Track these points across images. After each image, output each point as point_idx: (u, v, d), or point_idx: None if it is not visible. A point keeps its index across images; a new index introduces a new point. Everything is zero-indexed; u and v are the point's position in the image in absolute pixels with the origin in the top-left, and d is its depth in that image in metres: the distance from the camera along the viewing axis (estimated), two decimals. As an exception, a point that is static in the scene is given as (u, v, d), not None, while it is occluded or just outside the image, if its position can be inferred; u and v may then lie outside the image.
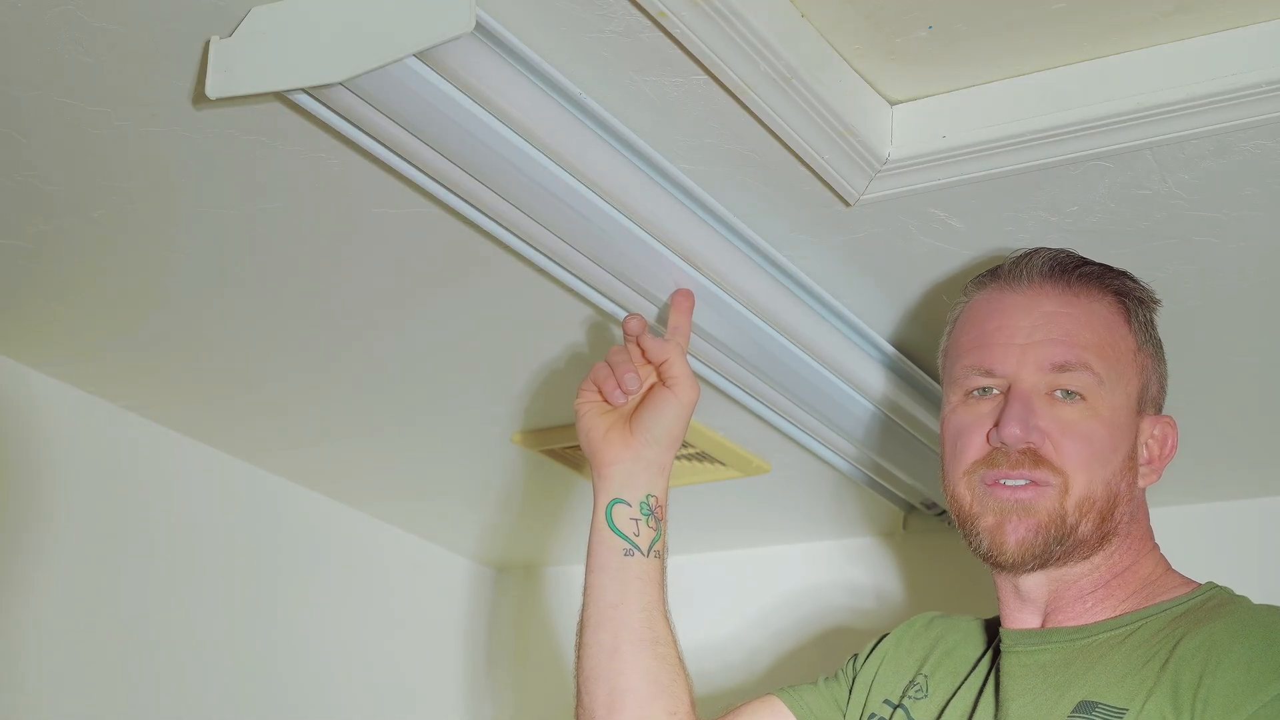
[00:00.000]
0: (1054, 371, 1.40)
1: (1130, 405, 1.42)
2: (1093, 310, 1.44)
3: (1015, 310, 1.45)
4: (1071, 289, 1.44)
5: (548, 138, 1.41)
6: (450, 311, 1.90)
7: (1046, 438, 1.39)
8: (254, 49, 1.33)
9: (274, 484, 2.50)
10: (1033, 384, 1.41)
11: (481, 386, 2.12)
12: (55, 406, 2.16)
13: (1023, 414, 1.39)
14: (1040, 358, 1.41)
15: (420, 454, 2.38)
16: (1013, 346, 1.42)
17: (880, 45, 1.45)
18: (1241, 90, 1.39)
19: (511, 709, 2.90)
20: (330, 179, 1.59)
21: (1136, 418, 1.43)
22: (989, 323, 1.46)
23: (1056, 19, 1.40)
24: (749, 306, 1.70)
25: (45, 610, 2.14)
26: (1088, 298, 1.44)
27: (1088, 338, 1.42)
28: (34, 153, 1.55)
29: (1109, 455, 1.40)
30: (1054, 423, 1.39)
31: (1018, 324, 1.44)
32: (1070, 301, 1.44)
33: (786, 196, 1.60)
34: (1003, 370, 1.42)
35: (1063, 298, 1.44)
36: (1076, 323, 1.43)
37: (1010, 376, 1.42)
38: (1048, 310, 1.44)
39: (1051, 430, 1.39)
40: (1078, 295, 1.44)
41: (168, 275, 1.82)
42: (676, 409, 1.52)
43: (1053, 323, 1.43)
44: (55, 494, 2.17)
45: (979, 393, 1.44)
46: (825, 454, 2.08)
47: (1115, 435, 1.40)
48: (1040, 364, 1.41)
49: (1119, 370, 1.42)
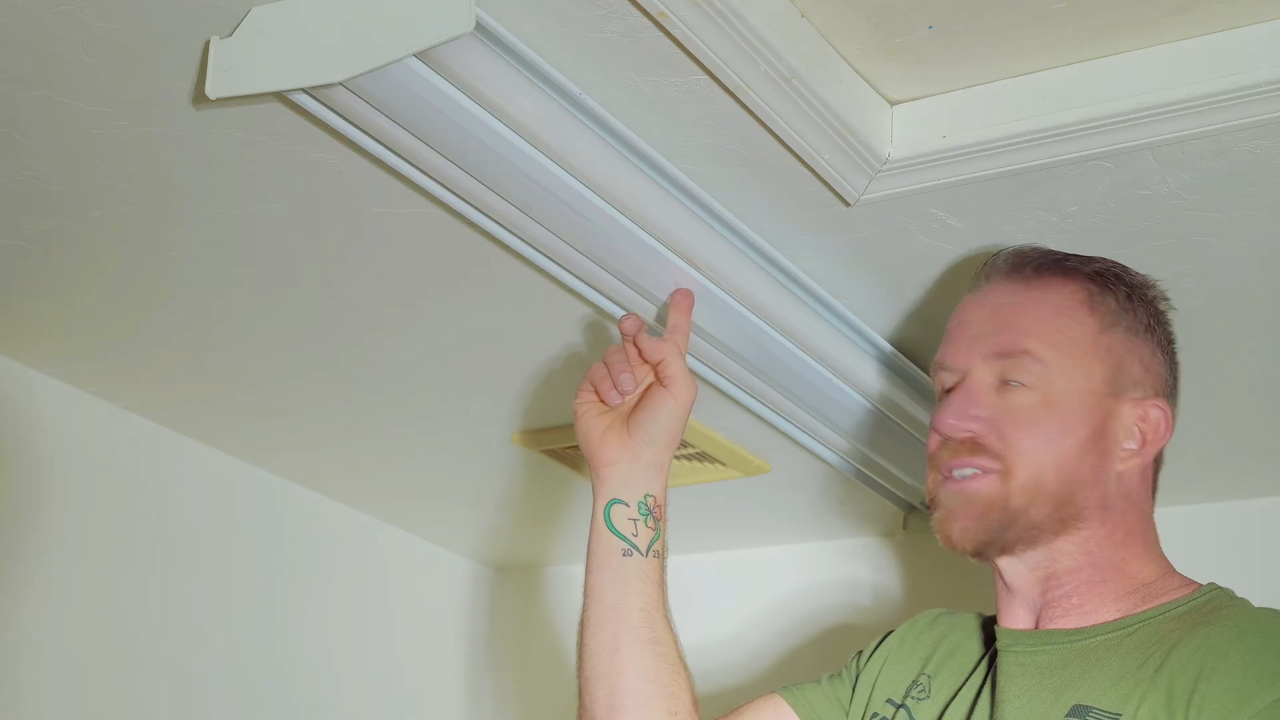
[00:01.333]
0: (998, 359, 1.42)
1: (1091, 389, 1.41)
2: (1044, 298, 1.44)
3: (973, 307, 1.47)
4: (1026, 281, 1.45)
5: (548, 138, 1.41)
6: (450, 311, 1.90)
7: (990, 426, 1.40)
8: (254, 49, 1.33)
9: (274, 484, 2.50)
10: (980, 375, 1.42)
11: (481, 386, 2.12)
12: (55, 406, 2.16)
13: (960, 404, 1.41)
14: (986, 349, 1.43)
15: (420, 454, 2.38)
16: (964, 341, 1.45)
17: (880, 45, 1.45)
18: (1241, 90, 1.40)
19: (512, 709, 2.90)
20: (330, 179, 1.59)
21: (1106, 400, 1.42)
22: (952, 322, 1.49)
23: (1056, 19, 1.40)
24: (749, 306, 1.70)
25: (45, 611, 2.14)
26: (1041, 287, 1.45)
27: (1032, 325, 1.42)
28: (34, 153, 1.55)
29: (1057, 438, 1.39)
30: (999, 410, 1.40)
31: (971, 318, 1.46)
32: (1021, 292, 1.45)
33: (786, 196, 1.60)
34: (955, 364, 1.45)
35: (1015, 291, 1.45)
36: (1022, 310, 1.43)
37: (964, 369, 1.44)
38: (997, 303, 1.45)
39: (995, 417, 1.40)
40: (1030, 286, 1.45)
41: (168, 275, 1.82)
42: (673, 409, 1.52)
43: (999, 314, 1.44)
44: (55, 494, 2.17)
45: (949, 389, 1.46)
46: (825, 454, 2.08)
47: (1066, 419, 1.40)
48: (986, 355, 1.43)
49: (1072, 356, 1.41)
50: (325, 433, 2.32)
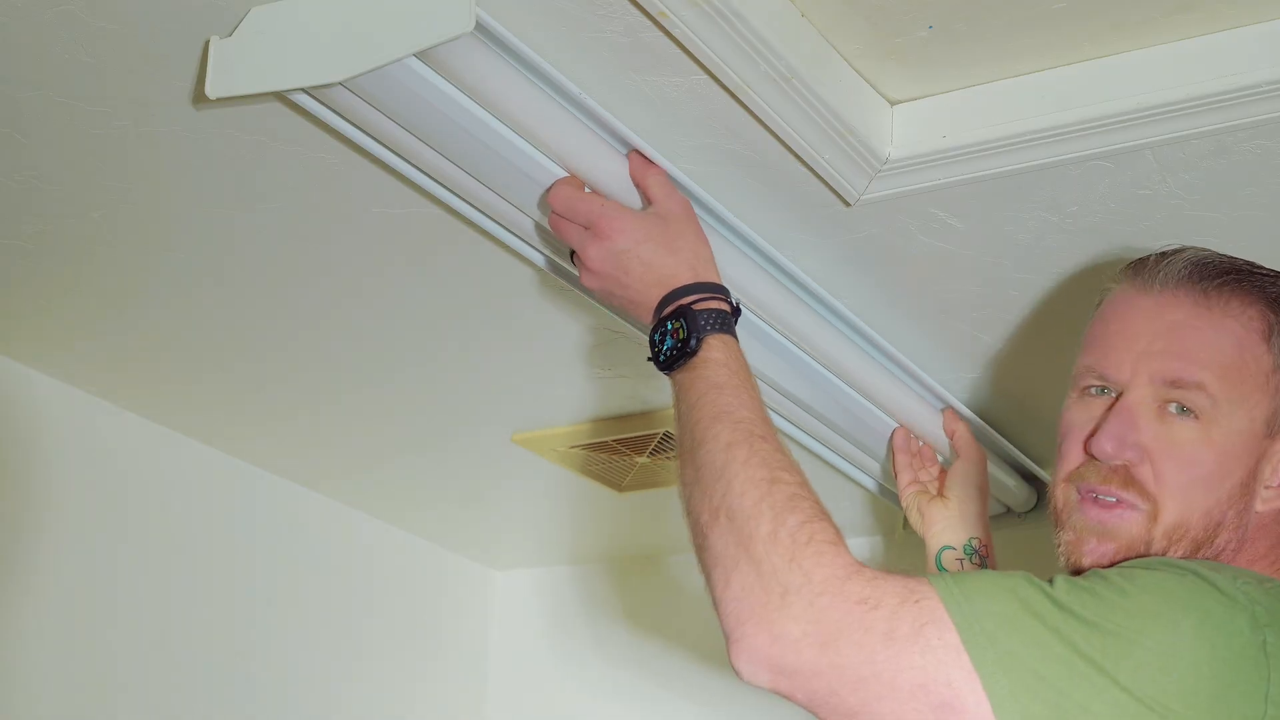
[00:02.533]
0: (1166, 386, 1.33)
1: (1253, 429, 1.33)
2: (1224, 326, 1.34)
3: (1141, 315, 1.37)
4: (1206, 298, 1.35)
5: (548, 138, 1.41)
6: (450, 310, 1.90)
7: (1146, 456, 1.32)
8: (254, 49, 1.33)
9: (273, 484, 2.50)
10: (1142, 396, 1.33)
11: (481, 386, 2.12)
12: (53, 405, 2.16)
13: (1120, 430, 1.33)
14: (1154, 370, 1.33)
15: (420, 454, 2.38)
16: (1130, 353, 1.35)
17: (880, 45, 1.45)
18: (1241, 90, 1.39)
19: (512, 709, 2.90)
20: (330, 179, 1.58)
21: (1264, 441, 1.33)
22: (1114, 323, 1.39)
23: (1056, 19, 1.39)
24: (749, 307, 1.70)
25: (43, 610, 2.14)
26: (1222, 310, 1.34)
27: (1209, 356, 1.33)
28: (34, 153, 1.55)
29: (1214, 483, 1.31)
30: (1158, 441, 1.32)
31: (1140, 330, 1.36)
32: (1200, 314, 1.35)
33: (786, 196, 1.60)
34: (1115, 377, 1.36)
35: (1194, 308, 1.35)
36: (1201, 338, 1.33)
37: (1122, 384, 1.35)
38: (1173, 320, 1.35)
39: (1153, 449, 1.32)
40: (1211, 307, 1.35)
41: (167, 275, 1.82)
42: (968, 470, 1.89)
43: (1174, 334, 1.34)
44: (51, 493, 2.17)
45: (1095, 390, 1.38)
46: (825, 454, 2.08)
47: (1226, 462, 1.32)
48: (1153, 376, 1.33)
49: (1242, 393, 1.32)
50: (325, 432, 2.31)
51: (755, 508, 1.23)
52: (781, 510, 1.23)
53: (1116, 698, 1.13)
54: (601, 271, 1.42)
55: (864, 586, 1.18)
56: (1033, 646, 1.15)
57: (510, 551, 2.88)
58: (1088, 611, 1.17)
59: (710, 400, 1.33)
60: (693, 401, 1.34)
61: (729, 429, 1.30)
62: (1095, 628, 1.16)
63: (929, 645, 1.15)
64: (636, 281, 1.41)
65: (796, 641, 1.17)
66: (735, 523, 1.23)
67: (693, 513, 1.29)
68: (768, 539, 1.21)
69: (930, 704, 1.15)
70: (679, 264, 1.41)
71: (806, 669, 1.17)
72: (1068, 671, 1.14)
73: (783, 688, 1.19)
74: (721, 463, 1.28)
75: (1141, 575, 1.22)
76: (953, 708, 1.14)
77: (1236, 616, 1.18)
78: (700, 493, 1.28)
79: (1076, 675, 1.14)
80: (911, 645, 1.16)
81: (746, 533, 1.22)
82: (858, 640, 1.16)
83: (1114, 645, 1.15)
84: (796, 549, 1.20)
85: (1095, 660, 1.14)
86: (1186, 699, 1.14)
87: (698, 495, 1.29)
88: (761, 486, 1.25)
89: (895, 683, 1.15)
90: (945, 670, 1.15)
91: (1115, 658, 1.14)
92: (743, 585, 1.21)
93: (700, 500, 1.28)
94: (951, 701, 1.14)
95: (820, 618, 1.17)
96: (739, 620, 1.20)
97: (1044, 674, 1.14)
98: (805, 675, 1.18)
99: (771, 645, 1.18)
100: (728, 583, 1.22)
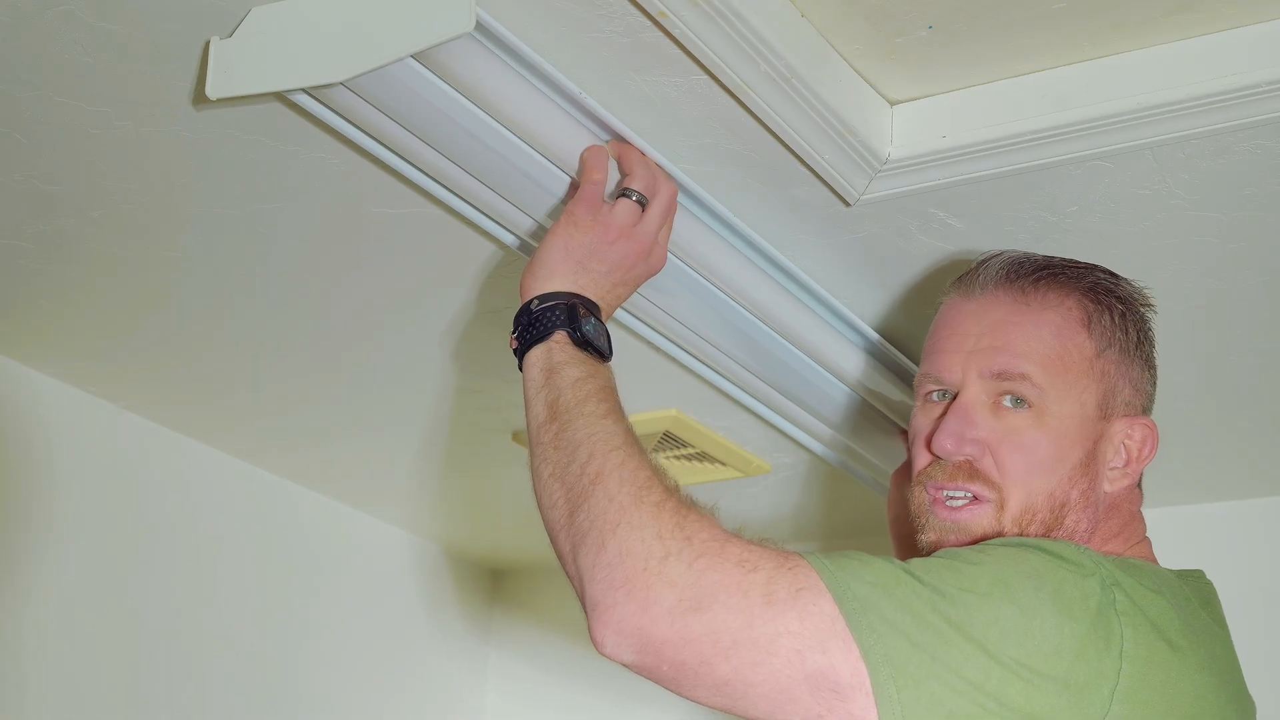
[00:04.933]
0: (995, 380, 1.39)
1: (1085, 413, 1.39)
2: (1043, 318, 1.41)
3: (966, 318, 1.44)
4: (1024, 295, 1.42)
5: (548, 138, 1.41)
6: (450, 310, 1.90)
7: (986, 449, 1.38)
8: (254, 49, 1.33)
9: (274, 484, 2.51)
10: (975, 393, 1.40)
11: (481, 386, 2.12)
12: (56, 407, 2.16)
13: (957, 426, 1.39)
14: (982, 366, 1.40)
15: (420, 454, 2.38)
16: (959, 354, 1.42)
17: (880, 45, 1.45)
18: (1241, 90, 1.39)
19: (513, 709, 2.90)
20: (330, 179, 1.59)
21: (1098, 424, 1.40)
22: (943, 329, 1.46)
23: (1056, 19, 1.40)
24: (749, 306, 1.70)
25: (47, 611, 2.14)
26: (1040, 304, 1.41)
27: (1031, 347, 1.39)
28: (34, 153, 1.55)
29: (1052, 465, 1.38)
30: (994, 432, 1.38)
31: (967, 331, 1.43)
32: (1020, 309, 1.41)
33: (787, 196, 1.60)
34: (949, 378, 1.42)
35: (1013, 305, 1.42)
36: (1022, 331, 1.40)
37: (956, 384, 1.42)
38: (995, 318, 1.42)
39: (991, 440, 1.38)
40: (1030, 302, 1.41)
41: (167, 275, 1.82)
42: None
43: (997, 331, 1.41)
44: (57, 494, 2.17)
45: (936, 396, 1.44)
46: (825, 453, 2.08)
47: (1061, 444, 1.38)
48: (982, 372, 1.40)
49: (1068, 380, 1.39)
50: (325, 432, 2.32)
51: (649, 479, 1.23)
52: (670, 486, 1.24)
53: (984, 662, 1.15)
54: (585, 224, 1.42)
55: (742, 550, 1.18)
56: (905, 613, 1.16)
57: (510, 551, 2.89)
58: (947, 585, 1.19)
59: (585, 383, 1.34)
60: (576, 377, 1.34)
61: (605, 406, 1.32)
62: (957, 598, 1.18)
63: (806, 609, 1.15)
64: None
65: (670, 609, 1.16)
66: (624, 488, 1.22)
67: (565, 480, 1.27)
68: (656, 505, 1.21)
69: (805, 671, 1.15)
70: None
71: (677, 638, 1.15)
72: (938, 637, 1.16)
73: (648, 662, 1.17)
74: (604, 432, 1.28)
75: (993, 550, 1.26)
76: (826, 676, 1.14)
77: (1087, 580, 1.22)
78: (572, 460, 1.27)
79: (946, 641, 1.16)
80: (789, 609, 1.16)
81: (634, 498, 1.21)
82: (736, 603, 1.15)
83: (977, 613, 1.18)
84: (680, 516, 1.20)
85: (962, 627, 1.16)
86: (1049, 660, 1.17)
87: (570, 463, 1.27)
88: (646, 463, 1.26)
89: (771, 648, 1.15)
90: (821, 637, 1.15)
91: (980, 625, 1.17)
92: (619, 550, 1.19)
93: (571, 468, 1.27)
94: (826, 670, 1.14)
95: (698, 580, 1.16)
96: (610, 586, 1.18)
97: (917, 640, 1.16)
98: (675, 644, 1.16)
99: (642, 614, 1.16)
100: (602, 547, 1.19)
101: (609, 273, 1.41)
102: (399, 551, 2.77)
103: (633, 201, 1.41)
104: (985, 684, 1.15)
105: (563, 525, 1.25)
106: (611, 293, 1.42)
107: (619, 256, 1.41)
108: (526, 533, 2.76)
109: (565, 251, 1.40)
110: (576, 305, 1.37)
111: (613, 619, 1.17)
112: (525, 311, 1.39)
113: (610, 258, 1.41)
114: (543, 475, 1.30)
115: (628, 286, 1.44)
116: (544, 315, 1.37)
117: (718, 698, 1.17)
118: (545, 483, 1.29)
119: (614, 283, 1.42)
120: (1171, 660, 1.22)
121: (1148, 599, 1.24)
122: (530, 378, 1.37)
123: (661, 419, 2.17)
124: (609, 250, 1.40)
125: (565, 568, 1.25)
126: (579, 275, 1.40)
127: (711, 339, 1.74)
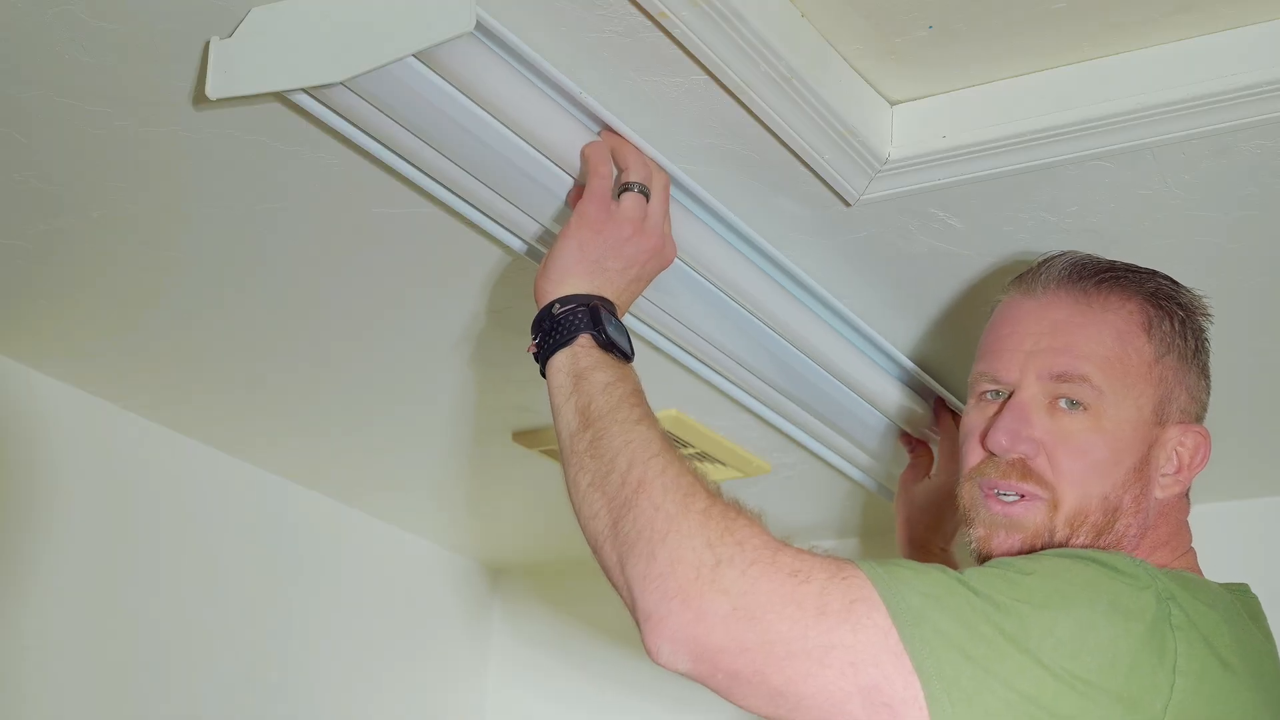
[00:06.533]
0: (1054, 381, 1.39)
1: (1141, 417, 1.39)
2: (1104, 321, 1.40)
3: (1028, 317, 1.43)
4: (1086, 296, 1.42)
5: (548, 138, 1.41)
6: (450, 311, 1.90)
7: (1041, 449, 1.38)
8: (254, 49, 1.33)
9: (274, 483, 2.50)
10: (1033, 393, 1.39)
11: (481, 385, 2.12)
12: (55, 406, 2.16)
13: (1013, 424, 1.38)
14: (1041, 367, 1.39)
15: (420, 453, 2.38)
16: (1018, 353, 1.41)
17: (880, 45, 1.45)
18: (1241, 90, 1.39)
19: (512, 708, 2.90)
20: (330, 179, 1.59)
21: (1154, 429, 1.39)
22: (1003, 328, 1.45)
23: (1056, 19, 1.40)
24: (749, 306, 1.70)
25: (46, 611, 2.14)
26: (1102, 306, 1.41)
27: (1092, 349, 1.39)
28: (34, 153, 1.55)
29: (1108, 469, 1.37)
30: (1050, 434, 1.38)
31: (1027, 330, 1.42)
32: (1082, 310, 1.41)
33: (787, 197, 1.60)
34: (1006, 377, 1.41)
35: (1075, 306, 1.41)
36: (1083, 333, 1.40)
37: (1013, 384, 1.41)
38: (1056, 318, 1.41)
39: (1046, 441, 1.38)
40: (1091, 304, 1.41)
41: (167, 275, 1.82)
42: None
43: (1058, 332, 1.40)
44: (56, 494, 2.17)
45: (991, 395, 1.44)
46: (825, 454, 2.08)
47: (1118, 448, 1.37)
48: (1040, 373, 1.39)
49: (1127, 383, 1.38)
50: (325, 432, 2.32)
51: (692, 485, 1.22)
52: (712, 490, 1.23)
53: (1038, 675, 1.15)
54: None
55: (794, 559, 1.17)
56: (958, 625, 1.16)
57: (510, 551, 2.88)
58: (1002, 595, 1.18)
59: (615, 387, 1.32)
60: (606, 381, 1.33)
61: (639, 411, 1.30)
62: (1011, 609, 1.17)
63: (860, 623, 1.15)
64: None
65: (725, 617, 1.15)
66: (669, 495, 1.21)
67: (606, 490, 1.25)
68: (703, 512, 1.20)
69: (859, 684, 1.14)
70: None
71: (733, 646, 1.15)
72: (992, 650, 1.15)
73: (703, 671, 1.16)
74: (641, 438, 1.27)
75: (1047, 560, 1.26)
76: (880, 689, 1.14)
77: (1142, 593, 1.21)
78: (611, 469, 1.26)
79: (1000, 653, 1.15)
80: (843, 621, 1.15)
81: (680, 505, 1.20)
82: (790, 614, 1.15)
83: (1032, 625, 1.17)
84: (729, 521, 1.20)
85: (1016, 639, 1.16)
86: (1103, 673, 1.16)
87: (610, 472, 1.26)
88: (686, 468, 1.25)
89: (825, 660, 1.14)
90: (874, 650, 1.14)
91: (1035, 637, 1.16)
92: (670, 559, 1.17)
93: (611, 476, 1.25)
94: (880, 683, 1.14)
95: (752, 588, 1.15)
96: (664, 596, 1.16)
97: (970, 652, 1.15)
98: (731, 653, 1.15)
99: (696, 624, 1.15)
100: (652, 557, 1.18)
101: (625, 270, 1.40)
102: (398, 551, 2.77)
103: (636, 194, 1.41)
104: (1039, 697, 1.14)
105: (607, 536, 1.24)
106: (627, 290, 1.41)
107: (634, 253, 1.40)
108: (526, 533, 2.76)
109: (580, 251, 1.38)
110: (598, 306, 1.36)
111: (667, 629, 1.16)
112: (546, 316, 1.36)
113: (626, 254, 1.40)
114: (581, 485, 1.28)
115: (642, 283, 1.43)
116: (566, 318, 1.35)
117: (772, 707, 1.16)
118: (584, 493, 1.27)
119: (630, 280, 1.41)
120: (1223, 677, 1.21)
121: (1202, 614, 1.23)
122: (557, 384, 1.34)
123: (661, 419, 2.15)
124: (624, 247, 1.39)
125: (611, 578, 1.23)
126: (595, 275, 1.38)
127: (711, 339, 1.74)
